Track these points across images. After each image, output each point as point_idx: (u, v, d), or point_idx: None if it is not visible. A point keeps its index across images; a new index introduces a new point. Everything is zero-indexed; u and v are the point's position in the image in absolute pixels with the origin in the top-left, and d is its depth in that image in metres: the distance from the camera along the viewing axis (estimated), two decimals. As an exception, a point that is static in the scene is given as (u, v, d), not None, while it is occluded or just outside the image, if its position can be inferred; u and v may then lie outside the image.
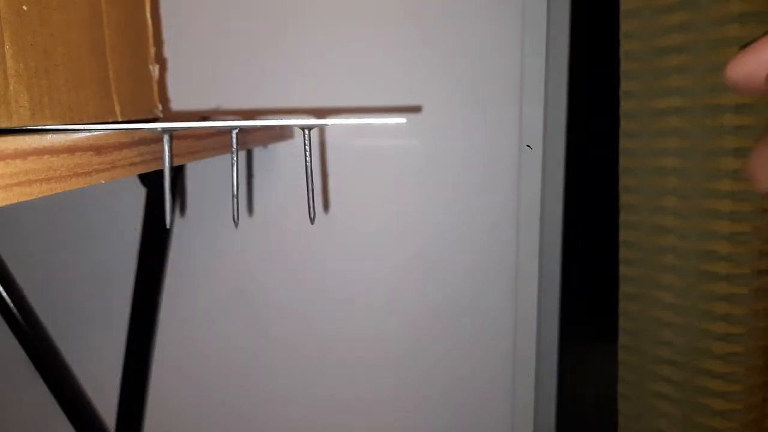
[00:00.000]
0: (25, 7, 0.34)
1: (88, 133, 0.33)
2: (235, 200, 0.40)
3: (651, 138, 0.69)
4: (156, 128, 0.37)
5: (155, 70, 0.52)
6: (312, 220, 0.42)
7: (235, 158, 0.40)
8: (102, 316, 0.92)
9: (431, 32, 0.81)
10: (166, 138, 0.38)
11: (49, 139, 0.29)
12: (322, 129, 0.84)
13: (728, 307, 0.66)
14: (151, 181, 0.80)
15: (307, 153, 0.40)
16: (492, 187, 0.84)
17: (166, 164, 0.38)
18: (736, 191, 0.64)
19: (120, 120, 0.45)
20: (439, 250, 0.86)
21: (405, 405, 0.91)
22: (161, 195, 0.38)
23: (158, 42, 0.64)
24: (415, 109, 0.82)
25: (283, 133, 0.79)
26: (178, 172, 0.83)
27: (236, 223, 0.41)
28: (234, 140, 0.39)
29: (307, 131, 0.40)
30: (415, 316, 0.88)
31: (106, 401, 0.92)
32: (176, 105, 0.84)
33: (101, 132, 0.34)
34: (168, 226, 0.38)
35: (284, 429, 0.94)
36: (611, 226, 0.76)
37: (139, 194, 0.84)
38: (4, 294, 0.82)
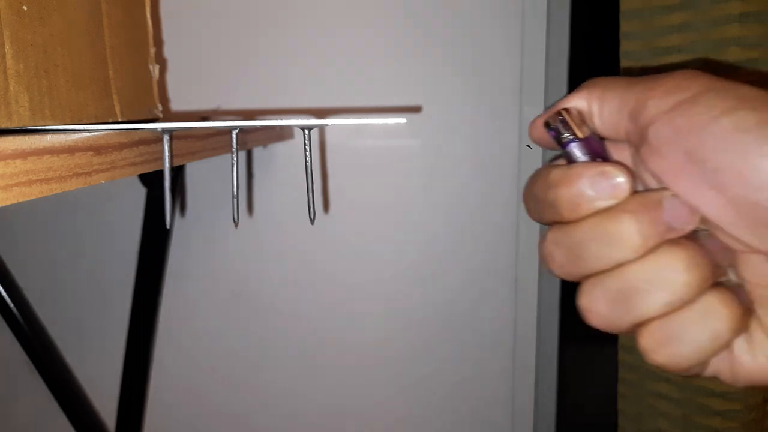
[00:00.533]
0: (25, 7, 0.34)
1: (88, 134, 0.33)
2: (235, 200, 0.40)
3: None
4: (156, 128, 0.37)
5: (155, 70, 0.52)
6: (312, 221, 0.42)
7: (235, 158, 0.40)
8: (102, 316, 0.92)
9: (431, 32, 0.81)
10: (166, 138, 0.38)
11: (49, 139, 0.29)
12: (322, 129, 0.84)
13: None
14: (152, 181, 0.80)
15: (307, 153, 0.40)
16: (492, 188, 0.84)
17: (166, 164, 0.38)
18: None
19: (120, 120, 0.45)
20: (439, 249, 0.86)
21: (405, 404, 0.91)
22: (161, 195, 0.38)
23: (158, 42, 0.64)
24: (415, 109, 0.82)
25: (283, 133, 0.79)
26: (178, 172, 0.83)
27: (236, 223, 0.41)
28: (234, 140, 0.39)
29: (307, 131, 0.40)
30: (414, 315, 0.88)
31: (106, 401, 0.92)
32: (176, 105, 0.84)
33: (101, 132, 0.34)
34: (168, 226, 0.38)
35: (283, 430, 0.94)
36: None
37: (139, 194, 0.84)
38: (4, 294, 0.82)
